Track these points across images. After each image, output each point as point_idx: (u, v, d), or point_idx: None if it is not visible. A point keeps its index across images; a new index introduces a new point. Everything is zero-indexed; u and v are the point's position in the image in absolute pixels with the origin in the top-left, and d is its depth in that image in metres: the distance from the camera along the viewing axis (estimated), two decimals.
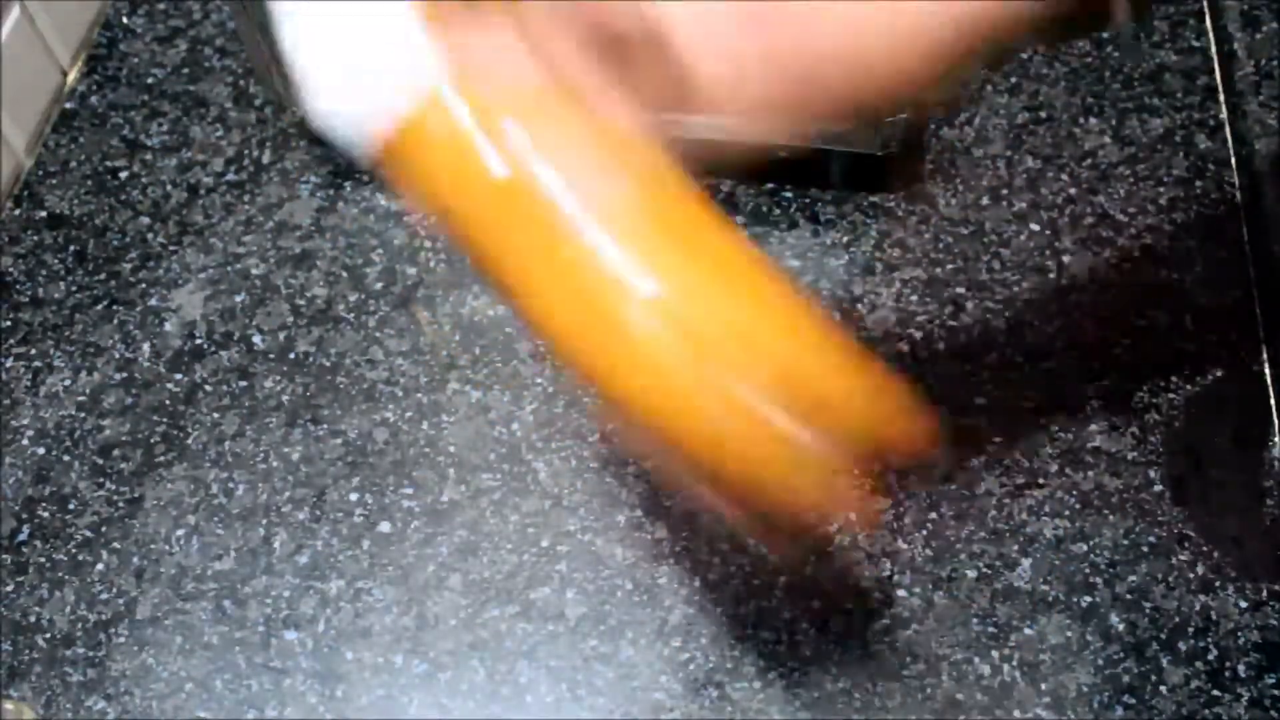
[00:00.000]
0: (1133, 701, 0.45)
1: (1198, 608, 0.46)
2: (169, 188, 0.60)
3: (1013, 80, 0.61)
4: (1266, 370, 0.52)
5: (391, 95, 0.31)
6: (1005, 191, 0.57)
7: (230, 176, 0.60)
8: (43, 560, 0.50)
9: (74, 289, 0.57)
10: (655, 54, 0.28)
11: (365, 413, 0.53)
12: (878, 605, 0.47)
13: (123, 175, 0.61)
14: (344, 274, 0.57)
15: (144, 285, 0.57)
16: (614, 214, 0.30)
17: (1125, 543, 0.48)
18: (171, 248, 0.58)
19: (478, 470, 0.51)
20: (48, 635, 0.48)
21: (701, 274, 0.31)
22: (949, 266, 0.55)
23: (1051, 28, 0.29)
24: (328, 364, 0.54)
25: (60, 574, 0.49)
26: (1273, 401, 0.51)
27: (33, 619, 0.48)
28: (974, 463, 0.50)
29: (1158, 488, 0.49)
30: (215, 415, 0.53)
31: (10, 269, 0.58)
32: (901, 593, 0.47)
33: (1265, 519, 0.48)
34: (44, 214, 0.60)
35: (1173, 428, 0.50)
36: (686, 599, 0.47)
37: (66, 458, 0.52)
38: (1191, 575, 0.47)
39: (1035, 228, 0.56)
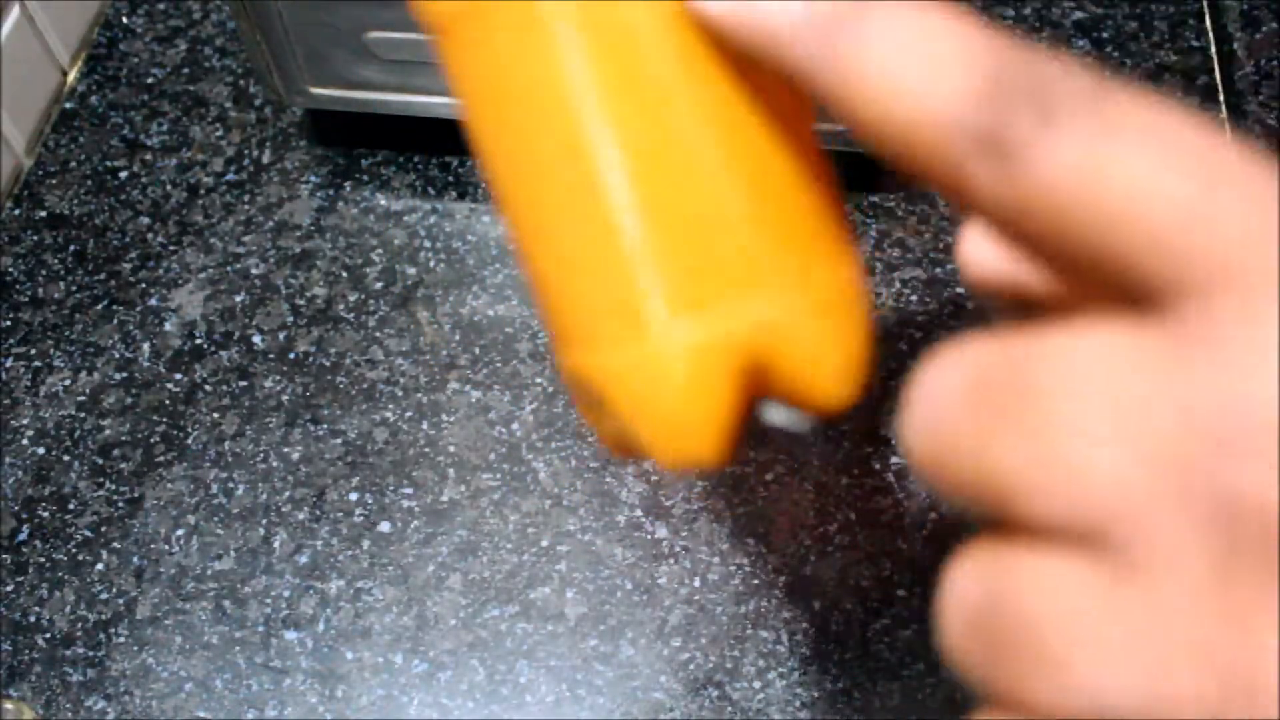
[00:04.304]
0: None
1: None
2: (169, 188, 0.60)
3: None
4: None
5: None
6: None
7: (230, 176, 0.60)
8: (43, 560, 0.50)
9: (74, 289, 0.57)
10: None
11: (365, 413, 0.53)
12: (878, 605, 0.47)
13: (123, 175, 0.61)
14: (344, 274, 0.57)
15: (144, 285, 0.57)
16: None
17: None
18: (171, 248, 0.58)
19: (478, 470, 0.51)
20: (48, 635, 0.48)
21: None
22: (949, 266, 0.55)
23: None
24: (328, 364, 0.54)
25: (60, 574, 0.49)
26: None
27: (33, 619, 0.48)
28: None
29: None
30: (215, 415, 0.53)
31: (10, 269, 0.58)
32: (901, 592, 0.47)
33: None
34: (44, 214, 0.60)
35: None
36: (686, 599, 0.47)
37: (66, 458, 0.52)
38: None
39: None
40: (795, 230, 0.22)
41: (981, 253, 0.24)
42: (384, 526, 0.50)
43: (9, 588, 0.49)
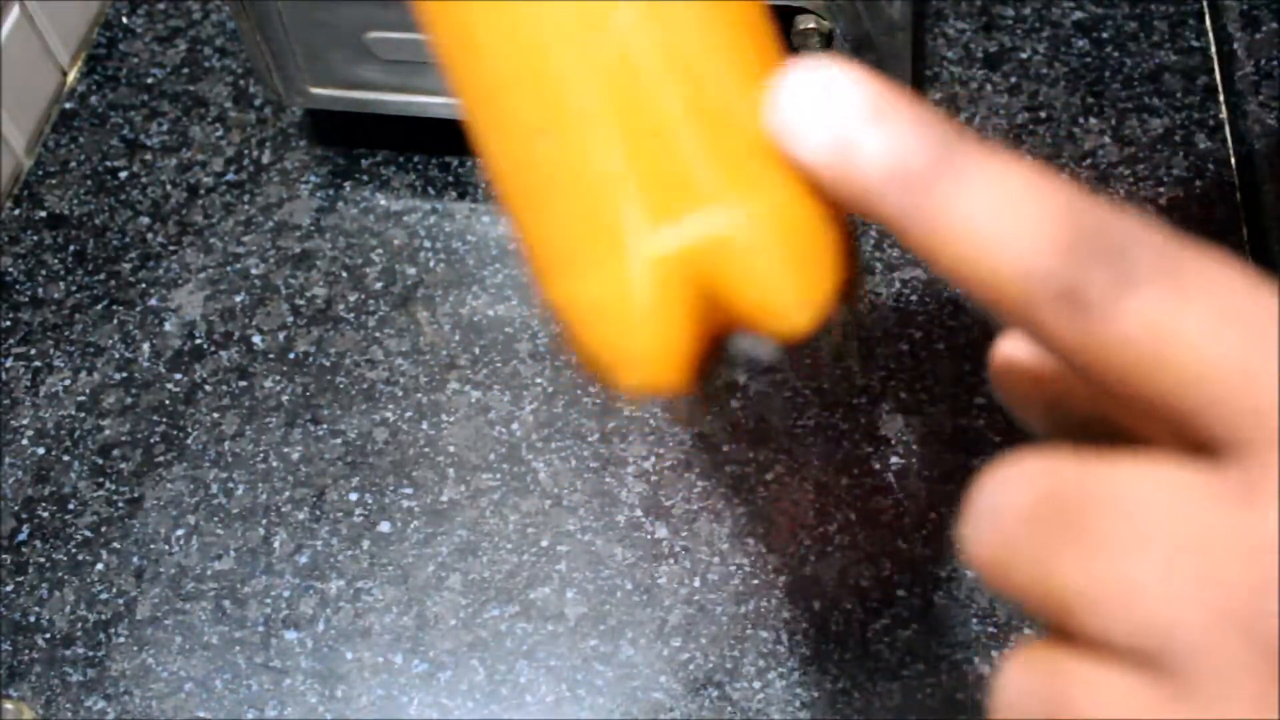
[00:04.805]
0: None
1: None
2: (169, 188, 0.60)
3: (1013, 80, 0.61)
4: None
5: None
6: None
7: (230, 176, 0.60)
8: (43, 560, 0.50)
9: (74, 289, 0.57)
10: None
11: (365, 413, 0.53)
12: (878, 605, 0.47)
13: (123, 175, 0.61)
14: (344, 274, 0.57)
15: (144, 285, 0.57)
16: None
17: None
18: (171, 248, 0.58)
19: (478, 470, 0.51)
20: (48, 635, 0.48)
21: None
22: None
23: None
24: (328, 364, 0.54)
25: (60, 574, 0.49)
26: None
27: (33, 619, 0.48)
28: (974, 462, 0.50)
29: None
30: (215, 415, 0.53)
31: (10, 269, 0.58)
32: (901, 593, 0.47)
33: None
34: (44, 214, 0.60)
35: None
36: (686, 599, 0.47)
37: (66, 458, 0.52)
38: None
39: None
40: (757, 155, 0.23)
41: (1018, 354, 0.26)
42: (384, 526, 0.50)
43: (9, 588, 0.49)
